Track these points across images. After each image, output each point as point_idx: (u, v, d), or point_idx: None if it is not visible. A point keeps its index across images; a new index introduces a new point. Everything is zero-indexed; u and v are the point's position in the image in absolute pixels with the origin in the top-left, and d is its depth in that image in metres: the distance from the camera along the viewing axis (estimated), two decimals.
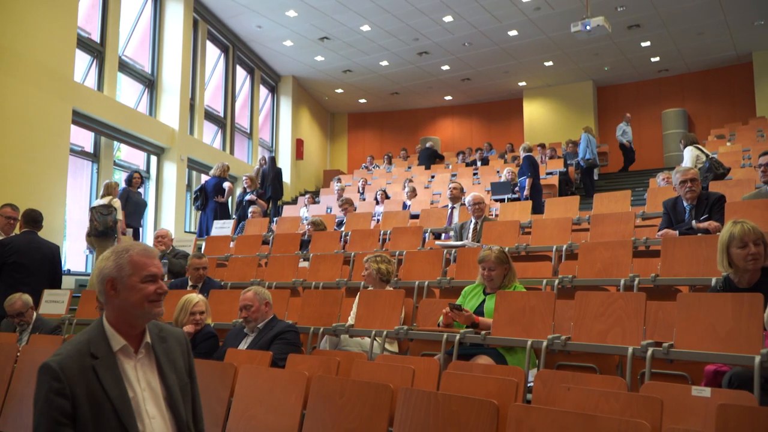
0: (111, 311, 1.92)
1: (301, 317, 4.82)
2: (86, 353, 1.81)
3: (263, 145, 17.48)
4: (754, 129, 12.81)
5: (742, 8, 13.28)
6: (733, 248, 3.18)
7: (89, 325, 1.95)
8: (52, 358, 1.77)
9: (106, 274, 1.90)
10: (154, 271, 1.93)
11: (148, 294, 1.89)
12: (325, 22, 14.07)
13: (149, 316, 1.92)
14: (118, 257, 1.91)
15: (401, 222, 7.87)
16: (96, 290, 1.95)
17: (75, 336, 1.84)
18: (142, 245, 1.99)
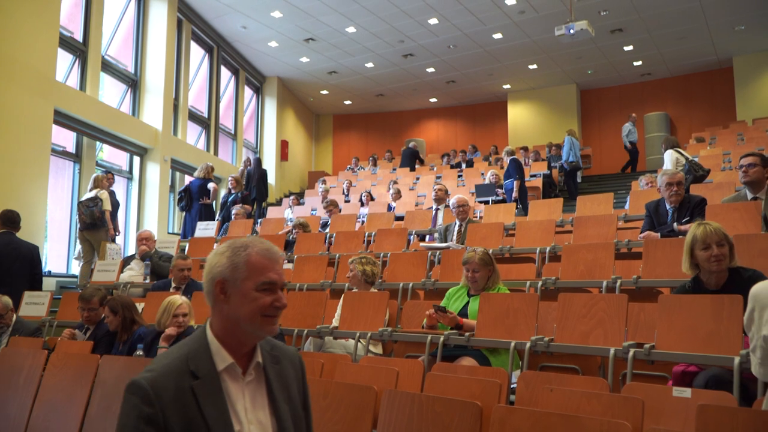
0: (218, 320, 1.57)
1: (285, 319, 4.80)
2: (185, 371, 1.47)
3: (248, 146, 17.40)
4: (735, 133, 12.98)
5: (723, 13, 13.46)
6: (697, 250, 3.22)
7: (189, 335, 1.61)
8: (143, 374, 1.45)
9: (217, 274, 1.56)
10: (274, 277, 1.57)
11: (262, 306, 1.54)
12: (310, 24, 14.04)
13: (260, 333, 1.57)
14: (235, 254, 1.57)
15: (386, 224, 7.87)
16: (204, 290, 1.61)
17: (171, 348, 1.56)
18: (266, 243, 1.62)
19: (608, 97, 18.22)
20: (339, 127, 21.20)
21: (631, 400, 2.51)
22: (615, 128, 17.86)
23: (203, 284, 1.61)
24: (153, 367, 1.48)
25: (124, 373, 3.87)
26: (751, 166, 4.77)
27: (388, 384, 3.16)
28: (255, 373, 1.59)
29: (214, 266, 1.58)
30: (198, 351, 1.53)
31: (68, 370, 4.03)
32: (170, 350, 1.56)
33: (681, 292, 3.39)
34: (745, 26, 14.16)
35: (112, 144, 11.54)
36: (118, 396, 3.98)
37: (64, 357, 4.19)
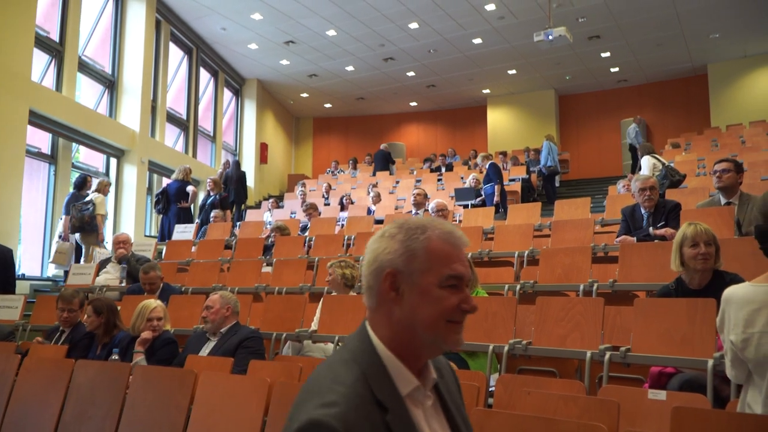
0: (385, 326, 1.20)
1: (264, 323, 4.78)
2: (370, 401, 1.10)
3: (227, 149, 17.29)
4: (709, 139, 13.21)
5: (699, 21, 13.70)
6: (685, 248, 3.29)
7: (350, 346, 1.22)
8: (324, 410, 1.04)
9: (386, 263, 1.19)
10: (462, 271, 1.20)
11: (448, 308, 1.17)
12: (290, 26, 14.01)
13: (442, 345, 1.20)
14: (410, 237, 1.20)
15: (365, 227, 7.87)
16: (362, 285, 1.26)
17: (333, 365, 1.18)
18: (446, 224, 1.24)
19: (586, 102, 18.43)
20: (319, 130, 21.17)
21: (607, 403, 2.54)
22: (593, 133, 18.10)
23: (363, 276, 1.24)
24: (333, 399, 1.06)
25: (99, 377, 3.82)
26: (725, 172, 4.86)
27: None
28: (432, 394, 1.24)
29: (381, 252, 1.21)
30: (375, 371, 1.15)
31: (42, 374, 3.96)
32: (334, 369, 1.16)
33: (664, 293, 3.45)
34: (719, 34, 14.43)
35: (88, 145, 11.39)
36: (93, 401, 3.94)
37: (37, 361, 4.12)
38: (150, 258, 7.23)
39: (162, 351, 4.24)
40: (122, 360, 4.16)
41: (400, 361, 1.17)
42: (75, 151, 11.42)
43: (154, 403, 3.52)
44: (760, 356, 1.96)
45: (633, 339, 3.28)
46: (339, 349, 1.25)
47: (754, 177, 7.93)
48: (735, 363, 2.06)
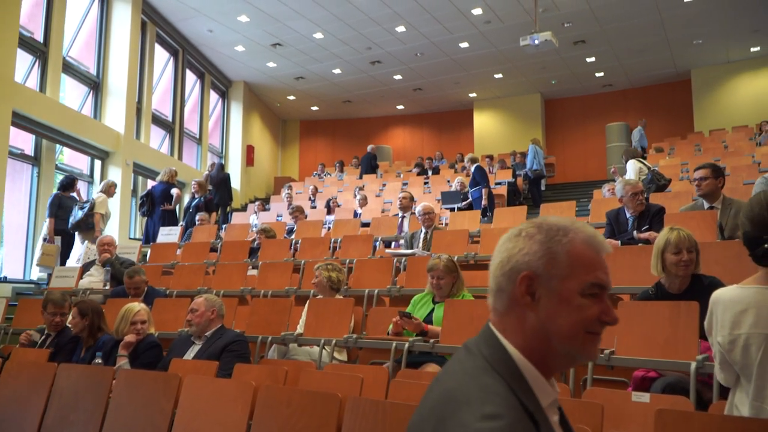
0: (519, 332, 1.12)
1: (249, 326, 4.76)
2: (525, 413, 1.02)
3: (213, 151, 17.21)
4: (692, 143, 13.36)
5: (682, 27, 13.86)
6: (667, 254, 3.30)
7: (482, 352, 1.12)
8: (491, 423, 0.97)
9: (522, 264, 1.11)
10: (604, 279, 1.12)
11: (588, 319, 1.10)
12: (277, 29, 13.99)
13: (578, 357, 1.13)
14: (551, 239, 1.12)
15: (352, 230, 7.86)
16: (490, 287, 1.17)
17: (466, 369, 1.10)
18: (588, 228, 1.16)
19: (571, 106, 18.57)
20: (306, 133, 21.13)
21: (591, 405, 2.56)
22: (578, 137, 18.24)
23: (493, 277, 1.16)
24: (495, 411, 0.99)
25: (81, 381, 3.79)
26: (703, 180, 4.89)
27: (352, 391, 3.15)
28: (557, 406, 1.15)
29: (517, 252, 1.12)
30: (516, 380, 1.07)
31: (24, 378, 3.92)
32: (478, 378, 1.07)
33: (644, 297, 3.47)
34: (702, 40, 14.61)
35: (72, 147, 11.29)
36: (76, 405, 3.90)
37: (19, 365, 4.08)
38: (134, 261, 7.18)
39: (146, 355, 4.21)
40: (106, 364, 4.13)
41: (537, 370, 1.09)
42: (58, 152, 11.31)
43: (137, 407, 3.49)
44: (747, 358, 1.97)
45: (617, 342, 3.30)
46: (466, 355, 1.15)
47: (736, 181, 8.03)
48: (723, 366, 2.08)
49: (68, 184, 9.00)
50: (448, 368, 1.17)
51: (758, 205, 2.06)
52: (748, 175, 8.45)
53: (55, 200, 8.74)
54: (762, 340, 1.93)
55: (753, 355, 1.95)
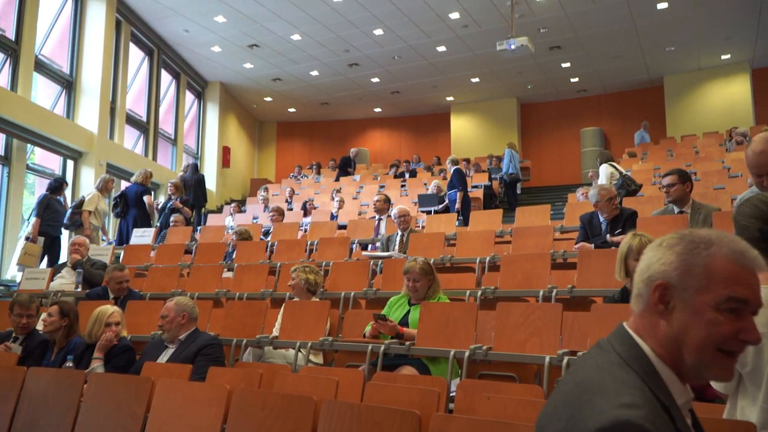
0: (653, 337, 1.15)
1: (224, 329, 4.72)
2: (661, 407, 1.06)
3: (188, 152, 17.04)
4: (665, 149, 13.59)
5: (655, 35, 14.10)
6: (630, 260, 3.34)
7: (616, 349, 1.16)
8: (630, 411, 1.00)
9: (657, 273, 1.14)
10: (746, 295, 1.10)
11: (721, 335, 1.09)
12: (254, 30, 13.91)
13: (705, 374, 1.13)
14: (690, 251, 1.13)
15: (328, 232, 7.84)
16: (633, 290, 1.21)
17: (599, 364, 1.14)
18: (740, 243, 1.15)
19: (547, 111, 18.76)
20: (282, 135, 21.04)
21: None
22: (553, 142, 18.43)
23: (635, 282, 1.20)
24: (632, 401, 1.02)
25: (52, 385, 3.72)
26: (671, 186, 4.98)
27: (327, 394, 3.14)
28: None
29: (656, 261, 1.16)
30: (650, 376, 1.10)
31: None
32: (612, 372, 1.10)
33: (611, 301, 3.52)
34: (675, 47, 14.88)
35: (44, 147, 11.10)
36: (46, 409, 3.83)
37: None
38: (107, 263, 7.07)
39: (118, 358, 4.15)
40: (77, 367, 4.06)
41: (672, 371, 1.12)
42: (30, 152, 11.10)
43: (109, 411, 3.44)
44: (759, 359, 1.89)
45: (590, 344, 3.34)
46: (597, 352, 1.18)
47: (707, 186, 8.18)
48: None
49: (57, 187, 8.91)
50: (579, 363, 1.20)
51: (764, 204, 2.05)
52: (718, 181, 8.62)
53: (44, 200, 8.65)
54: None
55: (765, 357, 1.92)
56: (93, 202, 8.68)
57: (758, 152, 2.67)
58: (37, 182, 11.88)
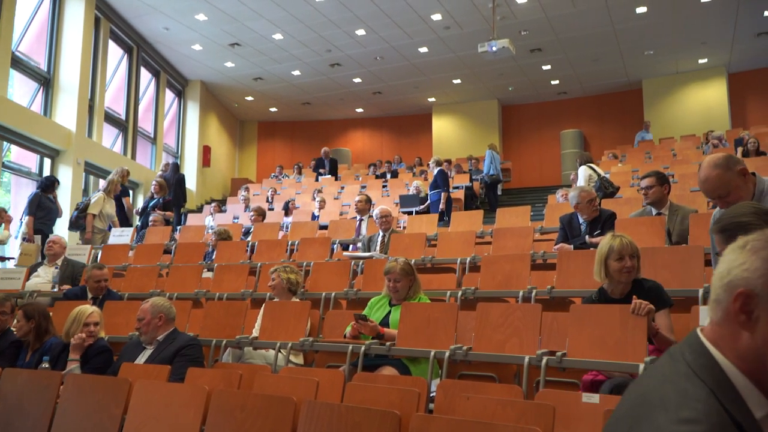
0: (732, 349, 1.04)
1: (203, 329, 4.68)
2: (729, 421, 0.97)
3: (168, 151, 16.89)
4: (643, 151, 13.75)
5: (634, 38, 14.27)
6: (610, 260, 3.39)
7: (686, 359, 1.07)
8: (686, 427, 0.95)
9: (740, 280, 1.03)
10: None
11: None
12: (236, 28, 13.83)
13: None
14: None
15: (309, 233, 7.82)
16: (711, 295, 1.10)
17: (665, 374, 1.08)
18: None
19: (527, 113, 18.89)
20: (264, 134, 20.94)
21: (543, 407, 2.60)
22: (534, 143, 18.57)
23: (713, 286, 1.10)
24: (692, 416, 0.96)
25: (27, 386, 3.67)
26: (650, 188, 5.06)
27: (307, 395, 3.13)
28: None
29: (738, 266, 1.04)
30: (723, 388, 1.01)
31: None
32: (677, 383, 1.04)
33: (588, 302, 3.56)
34: (653, 51, 15.07)
35: (20, 145, 10.93)
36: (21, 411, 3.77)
37: None
38: (85, 263, 6.98)
39: (95, 359, 4.09)
40: (53, 368, 4.00)
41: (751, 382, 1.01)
42: (6, 150, 10.93)
43: (86, 413, 3.40)
44: None
45: (569, 344, 3.37)
46: (667, 361, 1.10)
47: (683, 188, 8.31)
48: None
49: (49, 185, 8.81)
50: (648, 372, 1.15)
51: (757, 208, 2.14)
52: (695, 183, 8.72)
53: (35, 199, 8.56)
54: None
55: None
56: (98, 205, 8.50)
57: (702, 180, 2.74)
58: (13, 180, 11.70)
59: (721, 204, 2.73)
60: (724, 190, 2.69)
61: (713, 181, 2.70)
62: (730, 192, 2.69)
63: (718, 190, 2.70)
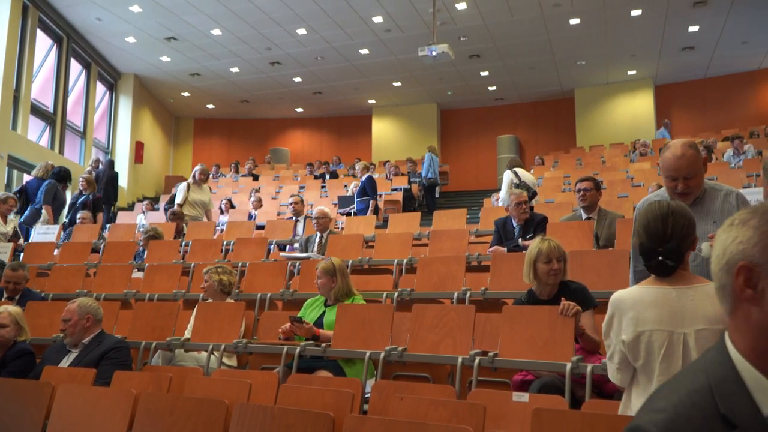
0: (745, 332, 1.01)
1: (132, 331, 4.54)
2: (712, 414, 0.96)
3: (98, 146, 16.27)
4: (574, 158, 14.23)
5: (568, 49, 14.75)
6: (539, 263, 3.50)
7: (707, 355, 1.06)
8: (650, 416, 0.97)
9: (737, 255, 1.01)
10: None
11: None
12: (172, 22, 13.47)
13: None
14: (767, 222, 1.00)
15: (246, 233, 7.71)
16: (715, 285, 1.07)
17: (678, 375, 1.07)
18: None
19: (466, 118, 19.22)
20: (200, 132, 20.47)
21: (475, 406, 2.65)
22: (471, 147, 18.90)
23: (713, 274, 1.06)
24: (662, 406, 0.98)
25: None
26: (588, 191, 5.27)
27: (240, 397, 3.08)
28: None
29: (731, 242, 1.02)
30: (725, 382, 0.98)
31: None
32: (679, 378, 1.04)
33: (518, 303, 3.66)
34: (585, 62, 15.63)
35: None
36: None
37: None
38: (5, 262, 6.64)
39: (15, 363, 3.90)
40: None
41: (763, 375, 0.97)
42: None
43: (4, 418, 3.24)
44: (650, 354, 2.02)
45: (500, 344, 3.45)
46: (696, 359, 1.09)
47: (611, 194, 8.64)
48: (623, 366, 2.11)
49: (63, 176, 8.74)
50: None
51: (654, 217, 2.13)
52: (622, 189, 9.12)
53: (52, 188, 8.43)
54: (665, 337, 2.00)
55: (656, 352, 2.01)
56: (183, 194, 8.58)
57: (679, 156, 2.70)
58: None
59: (683, 185, 2.72)
60: (693, 170, 2.70)
61: (689, 159, 2.70)
62: (696, 174, 2.72)
63: (690, 168, 2.70)
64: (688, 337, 1.99)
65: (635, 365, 2.09)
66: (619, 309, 2.12)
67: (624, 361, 2.10)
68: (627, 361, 2.10)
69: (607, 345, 2.18)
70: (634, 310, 2.07)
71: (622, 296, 2.14)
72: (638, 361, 2.07)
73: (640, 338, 2.04)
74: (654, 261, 2.09)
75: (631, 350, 2.06)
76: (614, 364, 2.14)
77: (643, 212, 2.20)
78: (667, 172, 2.77)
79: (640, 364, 2.06)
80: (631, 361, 2.09)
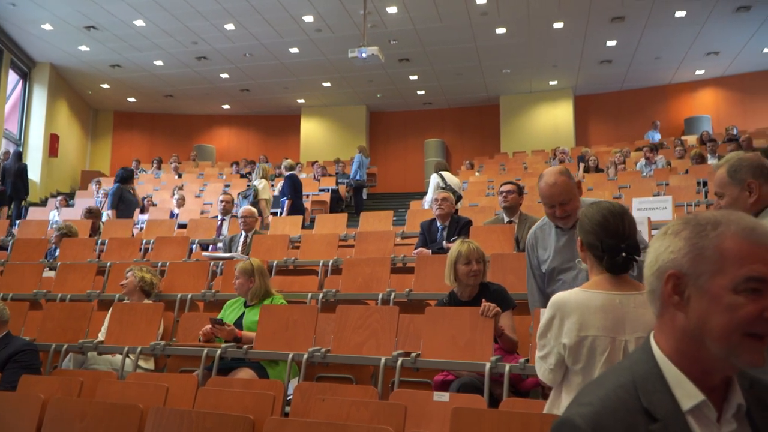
0: (668, 334, 1.09)
1: (42, 333, 4.32)
2: (636, 409, 1.02)
3: (9, 138, 15.35)
4: (498, 163, 14.62)
5: (494, 57, 15.15)
6: (459, 264, 3.59)
7: (631, 354, 1.16)
8: (577, 409, 1.04)
9: (667, 263, 1.07)
10: (764, 272, 1.02)
11: (745, 318, 1.01)
12: (92, 10, 12.88)
13: (736, 362, 1.04)
14: (698, 234, 1.06)
15: (167, 231, 7.48)
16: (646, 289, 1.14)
17: (605, 372, 1.14)
18: (748, 219, 1.07)
19: (394, 120, 19.38)
20: (120, 126, 19.68)
21: (396, 406, 2.68)
22: (399, 150, 19.09)
23: (645, 278, 1.12)
24: (588, 400, 1.04)
25: None
26: (510, 193, 5.45)
27: (156, 401, 2.99)
28: (736, 421, 1.06)
29: (664, 251, 1.08)
30: (648, 379, 1.06)
31: None
32: (605, 375, 1.11)
33: (440, 305, 3.74)
34: (510, 70, 16.09)
35: None
36: None
37: None
38: None
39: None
40: None
41: (683, 373, 1.05)
42: None
43: None
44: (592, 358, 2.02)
45: (423, 345, 3.50)
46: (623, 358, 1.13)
47: (533, 199, 8.90)
48: (558, 366, 2.11)
49: (127, 177, 8.53)
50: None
51: (612, 215, 2.15)
52: None
53: (118, 191, 8.21)
54: (608, 343, 2.01)
55: (598, 357, 2.01)
56: (266, 191, 9.06)
57: (551, 184, 2.85)
58: None
59: (560, 210, 2.85)
60: (568, 196, 2.84)
61: (561, 186, 2.83)
62: (571, 199, 2.85)
63: (563, 195, 2.83)
64: (629, 344, 2.01)
65: (573, 368, 2.08)
66: (561, 311, 2.10)
67: (560, 362, 2.10)
68: (563, 362, 2.09)
69: (541, 344, 2.16)
70: (577, 314, 2.05)
71: (566, 299, 2.11)
72: (578, 364, 2.06)
73: (582, 342, 2.03)
74: (619, 257, 2.09)
75: (572, 354, 2.05)
76: (548, 365, 2.13)
77: (596, 212, 2.19)
78: (544, 200, 2.93)
79: (580, 367, 2.06)
80: (569, 364, 2.08)
